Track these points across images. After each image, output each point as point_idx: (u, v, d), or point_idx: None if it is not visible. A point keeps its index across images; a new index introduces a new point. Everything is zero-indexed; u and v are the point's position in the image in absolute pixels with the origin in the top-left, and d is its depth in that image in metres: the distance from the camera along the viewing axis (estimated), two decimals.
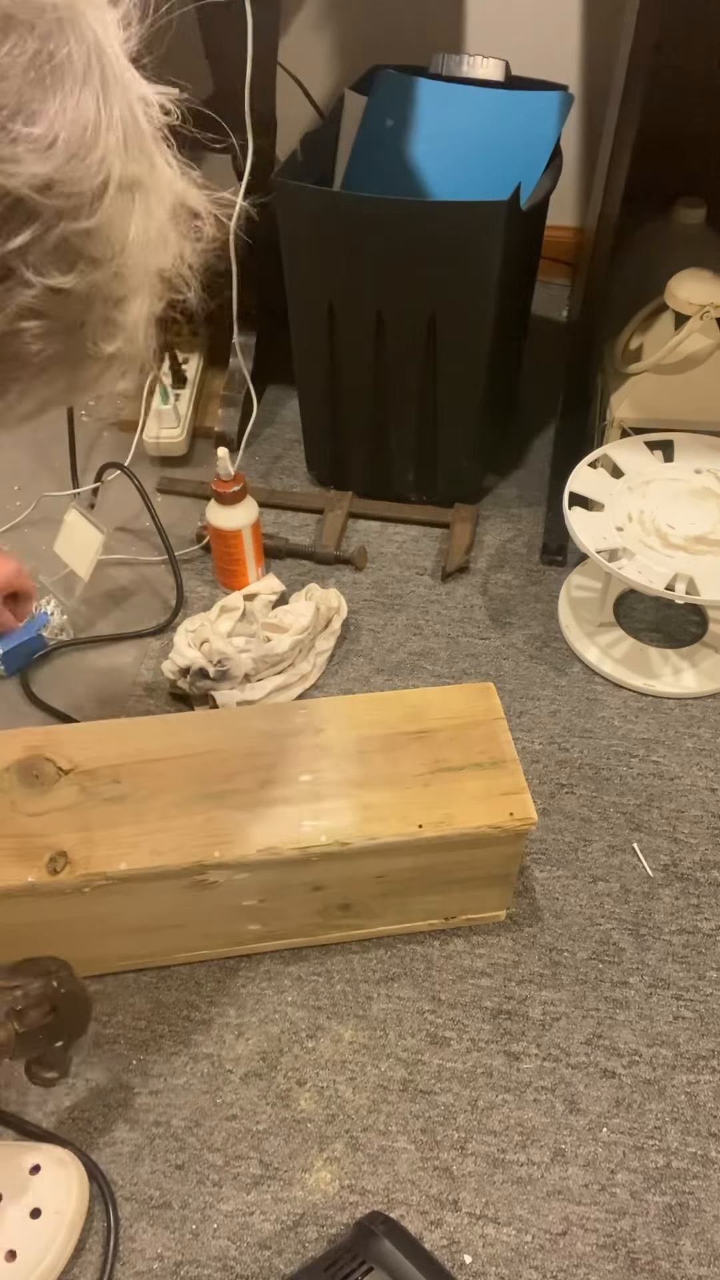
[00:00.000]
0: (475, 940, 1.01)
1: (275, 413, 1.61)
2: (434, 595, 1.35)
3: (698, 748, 1.17)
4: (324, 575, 1.37)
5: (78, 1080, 0.91)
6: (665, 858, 1.07)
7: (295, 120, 1.51)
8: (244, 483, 1.25)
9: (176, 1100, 0.90)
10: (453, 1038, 0.94)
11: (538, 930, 1.01)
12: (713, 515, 1.19)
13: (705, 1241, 0.83)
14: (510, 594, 1.35)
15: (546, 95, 1.36)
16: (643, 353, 1.31)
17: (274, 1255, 0.82)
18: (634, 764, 1.15)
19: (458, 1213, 0.84)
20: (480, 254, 1.18)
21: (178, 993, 0.97)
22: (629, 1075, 0.92)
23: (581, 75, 1.67)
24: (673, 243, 1.43)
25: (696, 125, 1.49)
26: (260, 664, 1.19)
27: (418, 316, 1.25)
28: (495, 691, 0.99)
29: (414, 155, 1.43)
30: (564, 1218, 0.84)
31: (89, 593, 1.34)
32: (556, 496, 1.29)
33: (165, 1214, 0.84)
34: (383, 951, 1.00)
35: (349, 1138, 0.88)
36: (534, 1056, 0.93)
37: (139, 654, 1.28)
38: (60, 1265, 0.80)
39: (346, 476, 1.47)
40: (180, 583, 1.34)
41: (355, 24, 1.69)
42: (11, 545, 1.42)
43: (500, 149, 1.37)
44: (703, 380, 1.26)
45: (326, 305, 1.27)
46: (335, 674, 1.25)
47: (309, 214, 1.21)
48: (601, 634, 1.28)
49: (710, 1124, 0.89)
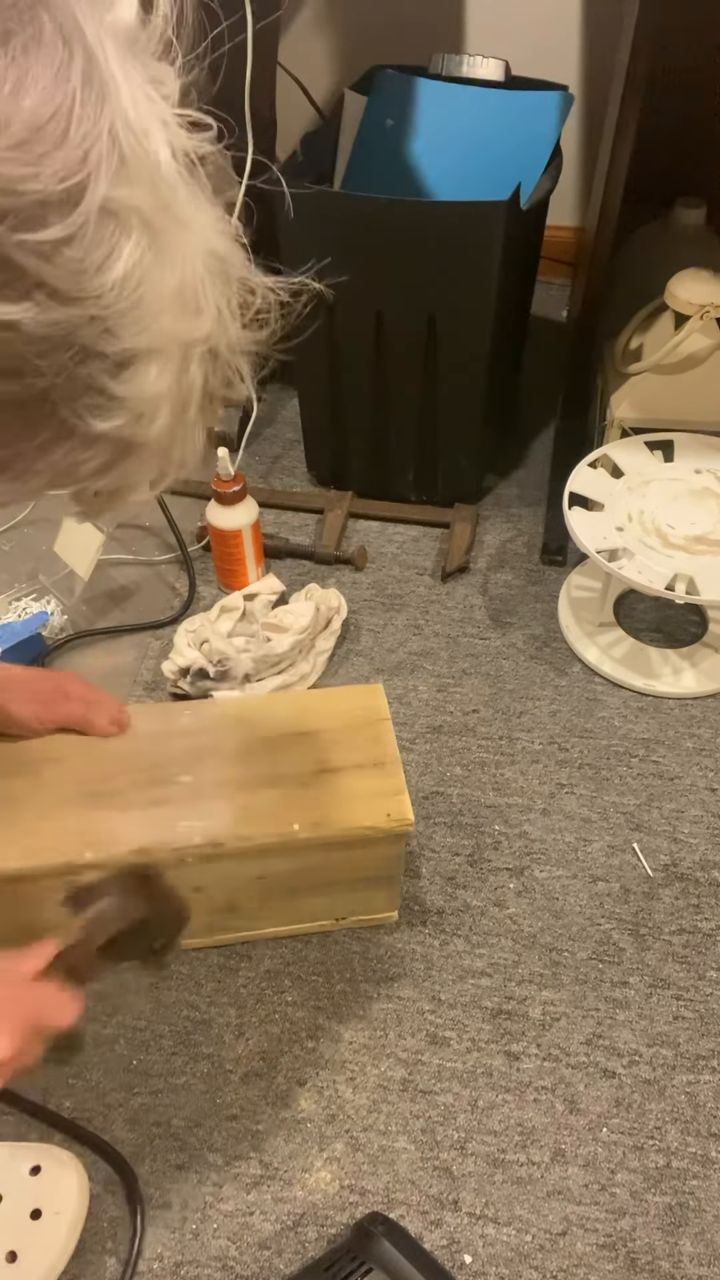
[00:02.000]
0: (475, 940, 1.01)
1: (275, 413, 1.61)
2: (434, 595, 1.35)
3: (698, 748, 1.17)
4: (324, 575, 1.37)
5: (78, 1080, 0.91)
6: (665, 858, 1.07)
7: (295, 120, 1.51)
8: (244, 483, 1.25)
9: (176, 1100, 0.90)
10: (453, 1038, 0.94)
11: (538, 930, 1.01)
12: (713, 515, 1.19)
13: (705, 1241, 0.83)
14: (510, 594, 1.35)
15: (546, 95, 1.36)
16: (643, 353, 1.31)
17: (274, 1255, 0.82)
18: (634, 764, 1.15)
19: (458, 1213, 0.84)
20: (480, 254, 1.18)
21: (178, 993, 0.97)
22: (629, 1075, 0.92)
23: (581, 75, 1.67)
24: (673, 243, 1.43)
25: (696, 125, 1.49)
26: (260, 664, 1.19)
27: (418, 316, 1.25)
28: (383, 693, 0.98)
29: (414, 155, 1.43)
30: (564, 1218, 0.84)
31: (89, 592, 1.34)
32: (556, 496, 1.29)
33: (165, 1214, 0.84)
34: (382, 951, 1.00)
35: (349, 1138, 0.88)
36: (534, 1056, 0.93)
37: (140, 654, 1.28)
38: (60, 1266, 0.80)
39: (346, 476, 1.47)
40: (192, 574, 1.34)
41: (355, 24, 1.69)
42: (11, 545, 1.42)
43: (500, 149, 1.37)
44: (703, 380, 1.26)
45: (326, 305, 1.27)
46: (335, 674, 1.25)
47: (309, 214, 1.21)
48: (601, 634, 1.28)
49: (710, 1124, 0.89)
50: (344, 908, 0.99)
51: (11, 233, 0.33)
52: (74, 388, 0.38)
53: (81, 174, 0.34)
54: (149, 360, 0.39)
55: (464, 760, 1.16)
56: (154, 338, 0.39)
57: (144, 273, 0.37)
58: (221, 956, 0.99)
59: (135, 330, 0.38)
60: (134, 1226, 0.83)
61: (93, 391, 0.38)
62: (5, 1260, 0.78)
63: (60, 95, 0.34)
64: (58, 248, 0.34)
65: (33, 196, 0.33)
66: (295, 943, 1.00)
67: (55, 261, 0.35)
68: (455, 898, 1.04)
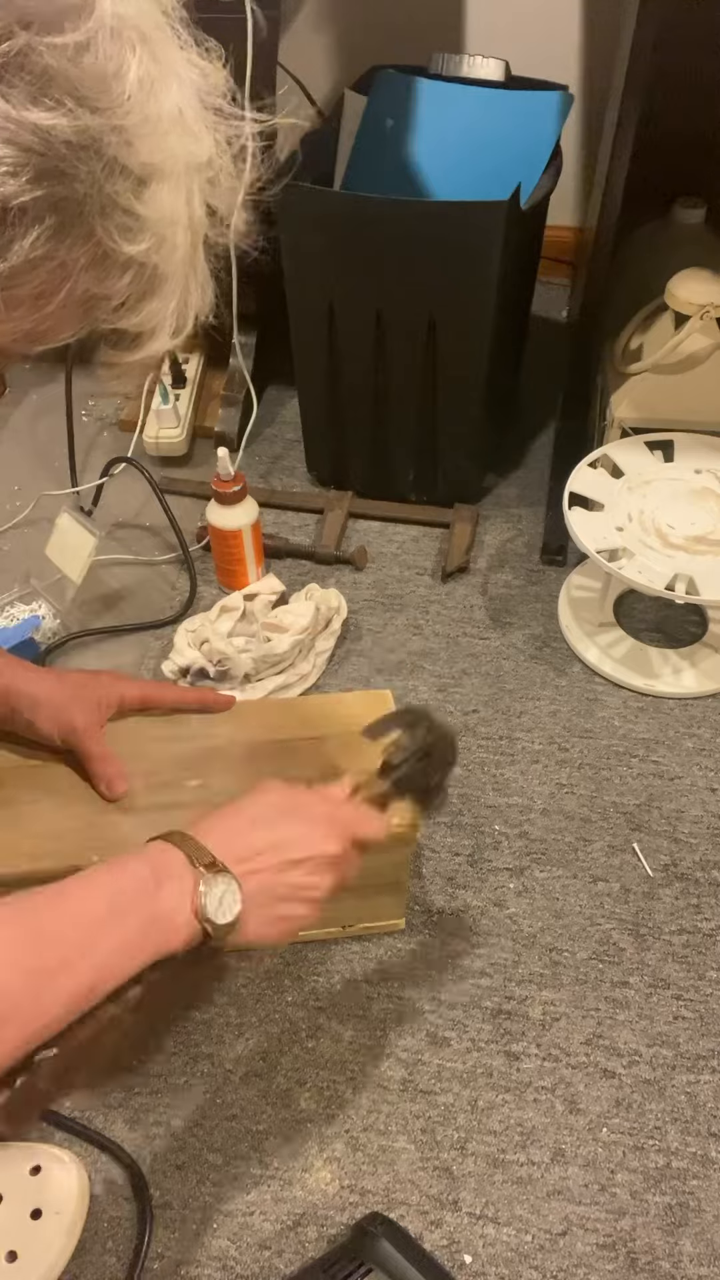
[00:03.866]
0: (475, 940, 1.01)
1: (275, 413, 1.61)
2: (434, 595, 1.35)
3: (698, 748, 1.17)
4: (324, 575, 1.37)
5: None
6: (665, 858, 1.07)
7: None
8: (244, 483, 1.25)
9: (176, 1100, 0.90)
10: (453, 1038, 0.94)
11: (538, 930, 1.01)
12: (713, 515, 1.19)
13: (705, 1241, 0.83)
14: (510, 594, 1.35)
15: (546, 95, 1.36)
16: (643, 353, 1.31)
17: (274, 1255, 0.82)
18: (634, 764, 1.15)
19: (458, 1213, 0.84)
20: (480, 254, 1.18)
21: None
22: (629, 1075, 0.92)
23: (581, 75, 1.66)
24: (673, 243, 1.43)
25: (696, 125, 1.48)
26: (260, 664, 1.19)
27: (418, 316, 1.25)
28: (391, 698, 0.98)
29: (414, 155, 1.43)
30: (564, 1218, 0.84)
31: (86, 594, 1.34)
32: (556, 496, 1.29)
33: (165, 1214, 0.84)
34: (382, 951, 1.00)
35: (349, 1138, 0.88)
36: (534, 1056, 0.93)
37: (140, 653, 1.28)
38: (60, 1266, 0.80)
39: (346, 476, 1.47)
40: (193, 574, 1.34)
41: (355, 24, 1.68)
42: (10, 545, 1.42)
43: (500, 149, 1.37)
44: (703, 380, 1.26)
45: (327, 305, 1.27)
46: (335, 674, 1.25)
47: (309, 214, 1.21)
48: (601, 634, 1.28)
49: (710, 1124, 0.89)
50: (350, 914, 0.98)
51: (38, 36, 0.38)
52: (105, 203, 0.42)
53: None
54: (163, 179, 0.43)
55: (464, 760, 1.16)
56: (165, 157, 0.43)
57: (151, 85, 0.42)
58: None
59: (150, 145, 0.42)
60: (143, 1225, 0.83)
61: (120, 211, 0.42)
62: (5, 1260, 0.79)
63: None
64: (79, 52, 0.39)
65: (55, 4, 0.38)
66: (296, 943, 1.00)
67: (79, 65, 0.39)
68: (455, 898, 1.04)
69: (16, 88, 0.38)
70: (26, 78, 0.38)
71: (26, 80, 0.38)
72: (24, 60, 0.38)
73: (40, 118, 0.38)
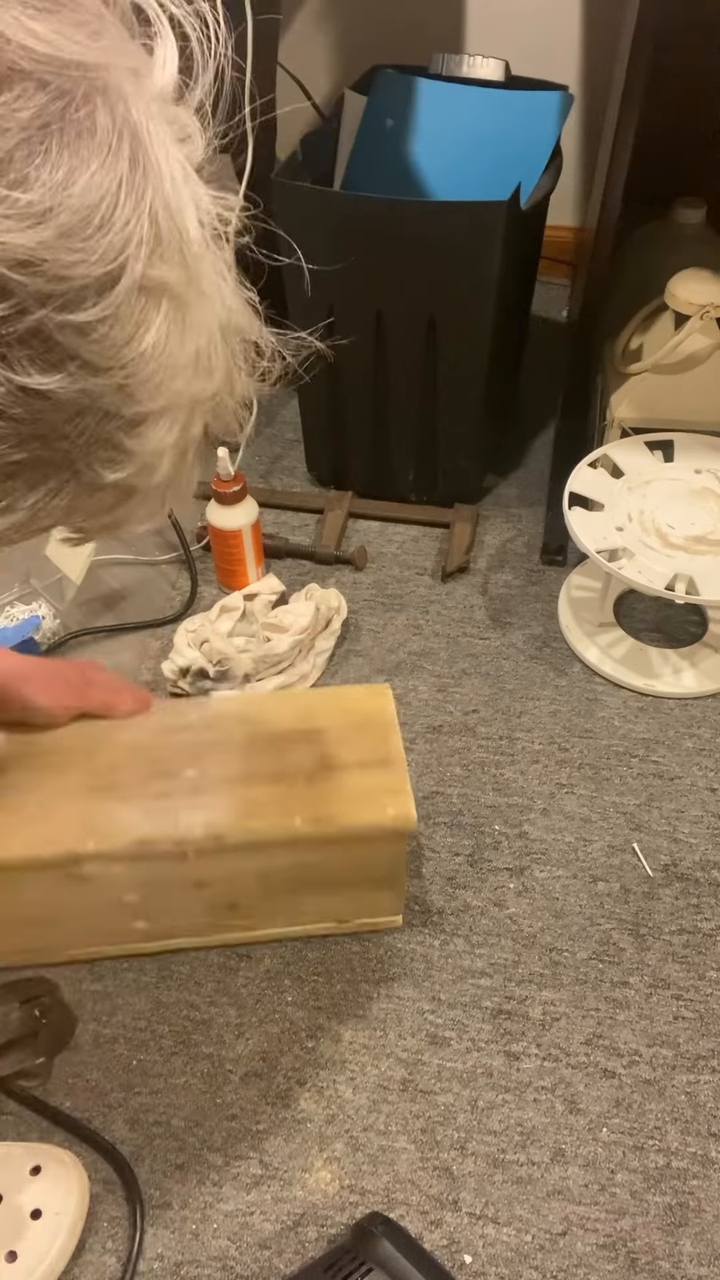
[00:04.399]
0: (475, 940, 1.01)
1: (275, 413, 1.61)
2: (434, 595, 1.35)
3: (698, 748, 1.17)
4: (324, 575, 1.37)
5: (77, 1080, 0.91)
6: (665, 858, 1.07)
7: (295, 120, 1.51)
8: (244, 483, 1.25)
9: (176, 1100, 0.90)
10: (453, 1038, 0.94)
11: (538, 930, 1.01)
12: (713, 515, 1.19)
13: (705, 1241, 0.83)
14: (510, 594, 1.35)
15: (546, 95, 1.36)
16: (643, 353, 1.31)
17: (274, 1255, 0.82)
18: (634, 764, 1.15)
19: (458, 1213, 0.84)
20: (480, 254, 1.18)
21: (178, 993, 0.97)
22: (629, 1075, 0.92)
23: (581, 75, 1.67)
24: (673, 243, 1.43)
25: (696, 125, 1.49)
26: (260, 664, 1.19)
27: (418, 316, 1.25)
28: (390, 693, 0.98)
29: (414, 155, 1.43)
30: (564, 1218, 0.84)
31: (86, 594, 1.34)
32: (556, 496, 1.29)
33: (165, 1214, 0.84)
34: (382, 951, 1.00)
35: (349, 1138, 0.88)
36: (534, 1056, 0.93)
37: (139, 653, 1.28)
38: (60, 1266, 0.80)
39: (346, 476, 1.47)
40: (194, 574, 1.34)
41: (355, 24, 1.69)
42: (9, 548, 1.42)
43: (500, 149, 1.37)
44: (703, 380, 1.26)
45: (326, 305, 1.27)
46: (335, 674, 1.25)
47: (309, 214, 1.21)
48: (601, 634, 1.28)
49: (710, 1124, 0.89)
50: (347, 910, 0.98)
51: (55, 314, 0.35)
52: (91, 445, 0.39)
53: (122, 257, 0.35)
54: (160, 418, 0.41)
55: (464, 760, 1.16)
56: (168, 399, 0.40)
57: (172, 342, 0.39)
58: (221, 956, 0.99)
59: (153, 394, 0.39)
60: (134, 1226, 0.83)
61: (107, 446, 0.40)
62: (5, 1260, 0.78)
63: (108, 181, 0.35)
64: (95, 326, 0.36)
65: (77, 282, 0.35)
66: (295, 943, 1.00)
67: (91, 337, 0.36)
68: (455, 898, 1.04)
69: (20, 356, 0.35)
70: (32, 347, 0.35)
71: (30, 350, 0.35)
72: (33, 335, 0.35)
73: (38, 382, 0.36)
